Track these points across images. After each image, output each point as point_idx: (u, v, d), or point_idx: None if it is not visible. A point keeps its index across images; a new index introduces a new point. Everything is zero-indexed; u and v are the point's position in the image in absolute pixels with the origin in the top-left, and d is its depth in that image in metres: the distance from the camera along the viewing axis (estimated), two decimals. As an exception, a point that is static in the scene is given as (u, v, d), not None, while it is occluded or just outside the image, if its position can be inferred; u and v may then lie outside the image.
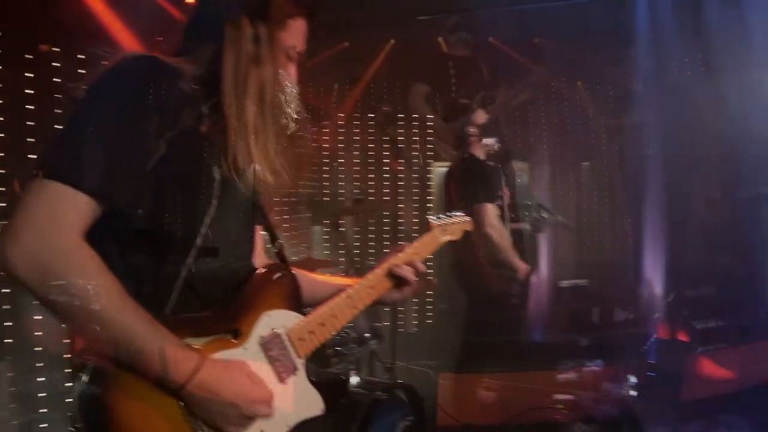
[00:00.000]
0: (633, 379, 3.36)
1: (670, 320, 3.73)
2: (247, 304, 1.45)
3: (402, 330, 5.91)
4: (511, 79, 5.22)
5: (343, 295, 1.65)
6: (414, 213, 5.93)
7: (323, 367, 3.18)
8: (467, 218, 2.03)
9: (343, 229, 5.08)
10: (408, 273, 1.73)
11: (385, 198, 5.94)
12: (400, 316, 5.56)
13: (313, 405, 1.54)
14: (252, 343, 1.42)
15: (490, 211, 4.16)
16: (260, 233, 1.69)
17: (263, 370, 1.42)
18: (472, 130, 4.68)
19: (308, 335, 1.53)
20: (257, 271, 1.51)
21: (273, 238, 1.67)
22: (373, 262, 1.87)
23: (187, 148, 1.34)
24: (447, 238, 1.95)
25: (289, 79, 1.51)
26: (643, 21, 4.84)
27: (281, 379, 1.46)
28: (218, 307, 1.41)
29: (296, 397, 1.49)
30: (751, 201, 4.47)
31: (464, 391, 3.38)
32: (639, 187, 5.35)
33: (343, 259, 5.58)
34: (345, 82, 6.57)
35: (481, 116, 4.58)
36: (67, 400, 1.24)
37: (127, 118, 1.26)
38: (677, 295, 3.44)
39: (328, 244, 5.84)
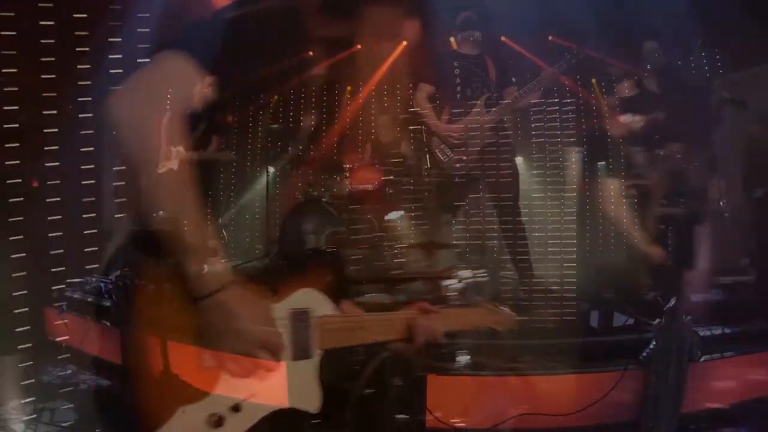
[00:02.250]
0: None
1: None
2: (298, 276, 1.52)
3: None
4: (520, 78, 5.14)
5: (383, 316, 1.67)
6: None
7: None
8: (512, 314, 1.92)
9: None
10: (424, 335, 1.67)
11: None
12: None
13: (310, 400, 1.49)
14: (281, 309, 1.45)
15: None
16: None
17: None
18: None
19: (335, 331, 1.52)
20: (322, 253, 1.60)
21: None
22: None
23: None
24: (489, 324, 1.88)
25: None
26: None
27: (293, 357, 1.45)
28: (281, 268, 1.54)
29: (295, 382, 1.45)
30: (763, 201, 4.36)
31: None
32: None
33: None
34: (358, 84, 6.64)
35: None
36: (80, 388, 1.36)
37: None
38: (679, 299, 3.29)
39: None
